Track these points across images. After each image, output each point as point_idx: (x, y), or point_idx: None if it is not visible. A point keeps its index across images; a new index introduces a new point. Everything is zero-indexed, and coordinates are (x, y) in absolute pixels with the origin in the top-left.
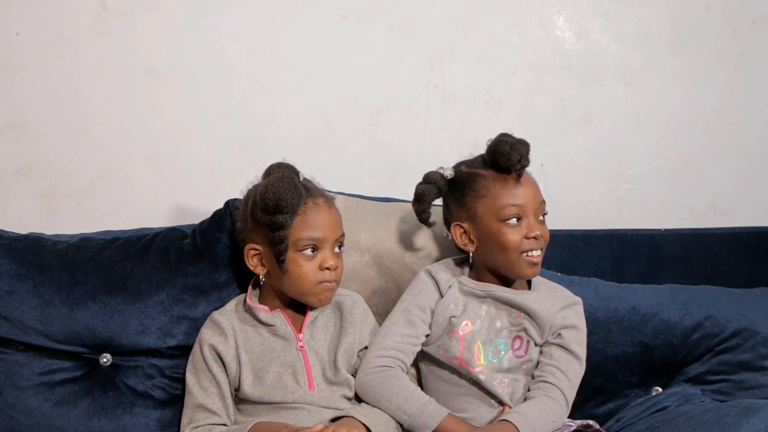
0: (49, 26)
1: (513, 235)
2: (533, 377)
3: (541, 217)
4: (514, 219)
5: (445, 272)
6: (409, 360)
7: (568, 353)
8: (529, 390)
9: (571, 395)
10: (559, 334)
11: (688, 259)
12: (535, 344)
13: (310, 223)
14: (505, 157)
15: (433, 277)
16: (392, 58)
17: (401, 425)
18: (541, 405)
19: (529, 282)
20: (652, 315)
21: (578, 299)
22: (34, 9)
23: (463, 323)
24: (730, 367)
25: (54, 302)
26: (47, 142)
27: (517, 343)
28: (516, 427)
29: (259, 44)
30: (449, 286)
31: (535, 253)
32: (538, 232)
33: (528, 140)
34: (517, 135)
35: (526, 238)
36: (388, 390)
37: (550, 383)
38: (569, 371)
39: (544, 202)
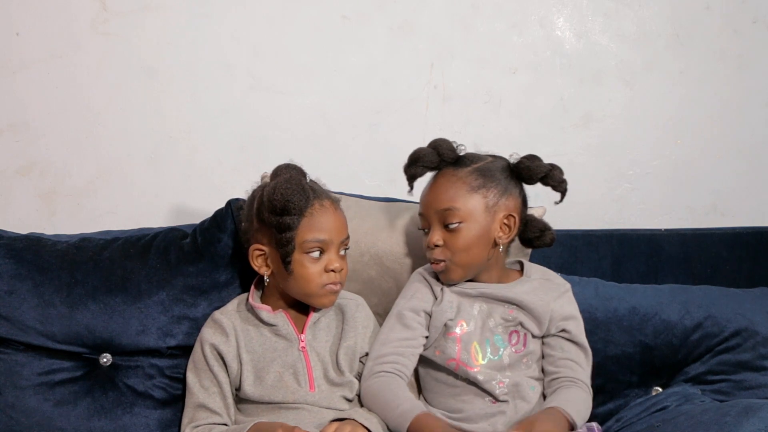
0: (49, 26)
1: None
2: (543, 371)
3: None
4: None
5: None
6: (411, 363)
7: (578, 346)
8: (547, 386)
9: (589, 384)
10: (564, 329)
11: (688, 259)
12: (533, 336)
13: (316, 225)
14: (532, 179)
15: (426, 279)
16: (392, 58)
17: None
18: (576, 394)
19: (521, 270)
20: (652, 315)
21: (567, 285)
22: (34, 9)
23: (459, 325)
24: (730, 367)
25: (54, 302)
26: (47, 142)
27: (515, 338)
28: (563, 411)
29: (259, 44)
30: (441, 288)
31: None
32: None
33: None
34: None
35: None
36: (379, 393)
37: (573, 377)
38: (584, 363)
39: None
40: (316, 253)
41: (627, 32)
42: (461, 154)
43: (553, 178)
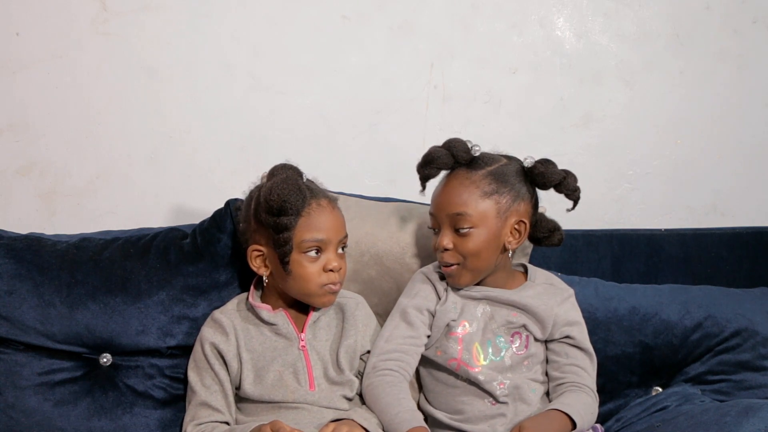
0: (49, 26)
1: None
2: (548, 376)
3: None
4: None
5: (440, 273)
6: (414, 361)
7: (583, 352)
8: (553, 392)
9: (595, 390)
10: (568, 335)
11: (688, 259)
12: (535, 339)
13: (314, 225)
14: (546, 186)
15: (429, 279)
16: (392, 58)
17: None
18: (581, 398)
19: (525, 274)
20: (652, 315)
21: (571, 290)
22: (34, 9)
23: (461, 325)
24: (730, 367)
25: (54, 302)
26: (47, 142)
27: (517, 340)
28: (566, 414)
29: (259, 44)
30: (445, 289)
31: None
32: None
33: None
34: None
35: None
36: (379, 394)
37: (579, 383)
38: (589, 368)
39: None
40: (314, 253)
41: (627, 32)
42: (476, 154)
43: (567, 186)
